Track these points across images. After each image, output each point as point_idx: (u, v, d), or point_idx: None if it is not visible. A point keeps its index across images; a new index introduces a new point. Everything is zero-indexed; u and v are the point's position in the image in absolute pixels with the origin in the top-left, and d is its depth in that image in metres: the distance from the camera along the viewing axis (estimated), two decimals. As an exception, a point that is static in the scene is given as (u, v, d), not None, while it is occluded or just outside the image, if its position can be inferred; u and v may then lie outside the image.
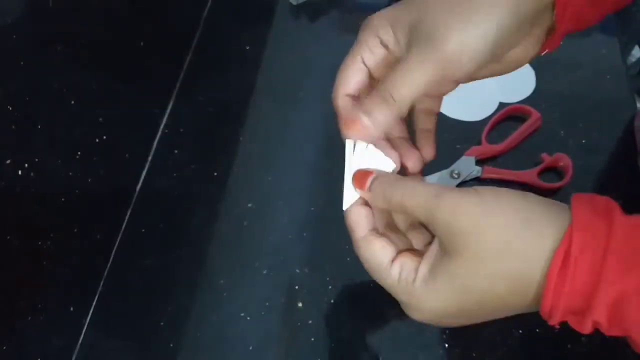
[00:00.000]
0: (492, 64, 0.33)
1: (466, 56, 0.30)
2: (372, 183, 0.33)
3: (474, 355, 0.49)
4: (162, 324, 0.52)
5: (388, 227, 0.35)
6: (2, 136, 0.40)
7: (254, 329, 0.51)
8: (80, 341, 0.52)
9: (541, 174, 0.59)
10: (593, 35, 0.72)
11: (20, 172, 0.42)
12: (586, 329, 0.27)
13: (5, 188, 0.41)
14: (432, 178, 0.58)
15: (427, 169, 0.58)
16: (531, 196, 0.29)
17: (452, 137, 0.62)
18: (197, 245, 0.57)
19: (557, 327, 0.28)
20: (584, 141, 0.60)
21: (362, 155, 0.35)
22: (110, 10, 0.53)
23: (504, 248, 0.27)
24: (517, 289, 0.28)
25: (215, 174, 0.61)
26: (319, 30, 0.74)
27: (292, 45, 0.72)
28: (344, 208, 0.35)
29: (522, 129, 0.61)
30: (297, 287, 0.53)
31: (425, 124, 0.39)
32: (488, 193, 0.29)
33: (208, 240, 0.57)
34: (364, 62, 0.35)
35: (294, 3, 0.75)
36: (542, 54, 0.36)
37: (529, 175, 0.58)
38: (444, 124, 0.63)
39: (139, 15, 0.59)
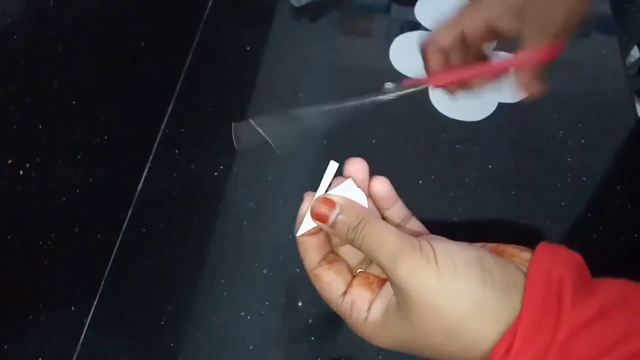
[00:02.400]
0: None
1: None
2: (335, 219, 0.31)
3: (473, 355, 0.49)
4: (162, 324, 0.52)
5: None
6: (3, 136, 0.40)
7: (254, 329, 0.51)
8: (81, 341, 0.52)
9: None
10: (593, 35, 0.72)
11: (21, 172, 0.42)
12: None
13: (6, 188, 0.41)
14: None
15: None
16: (490, 278, 0.28)
17: (452, 137, 0.62)
18: (197, 245, 0.57)
19: None
20: (583, 141, 0.60)
21: (338, 187, 0.32)
22: (110, 10, 0.53)
23: (451, 332, 0.28)
24: None
25: (215, 174, 0.61)
26: (319, 30, 0.74)
27: (292, 45, 0.72)
28: (297, 235, 0.33)
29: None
30: (297, 287, 0.53)
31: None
32: (447, 267, 0.28)
33: (208, 240, 0.57)
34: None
35: (296, 5, 0.75)
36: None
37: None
38: (444, 124, 0.64)
39: (139, 15, 0.59)
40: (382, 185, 0.34)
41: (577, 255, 0.29)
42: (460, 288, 0.27)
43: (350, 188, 0.32)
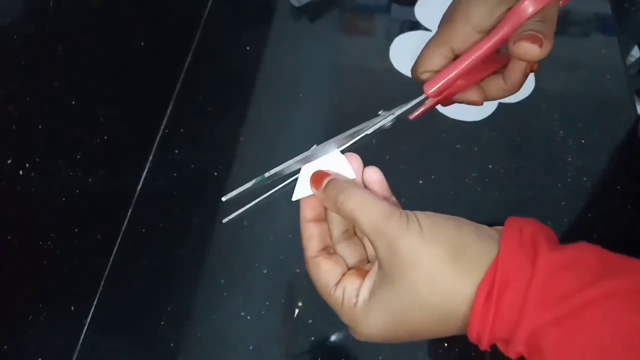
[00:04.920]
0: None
1: None
2: (327, 184, 0.33)
3: (473, 354, 0.49)
4: (162, 324, 0.52)
5: (346, 233, 0.35)
6: (3, 136, 0.40)
7: (254, 329, 0.51)
8: (80, 341, 0.52)
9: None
10: (593, 35, 0.72)
11: (21, 172, 0.42)
12: (512, 355, 0.28)
13: (6, 188, 0.41)
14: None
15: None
16: (466, 227, 0.30)
17: (452, 137, 0.62)
18: (197, 245, 0.57)
19: (488, 350, 0.30)
20: (583, 141, 0.60)
21: (327, 157, 0.35)
22: (110, 10, 0.53)
23: (435, 281, 0.29)
24: (445, 320, 0.29)
25: (215, 174, 0.61)
26: (319, 30, 0.74)
27: (292, 45, 0.72)
28: (293, 199, 0.35)
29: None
30: (297, 287, 0.53)
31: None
32: (429, 223, 0.30)
33: (208, 240, 0.57)
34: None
35: (296, 5, 0.75)
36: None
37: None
38: (444, 124, 0.64)
39: (139, 15, 0.59)
40: (374, 173, 0.35)
41: (546, 226, 0.30)
42: (438, 238, 0.29)
43: (338, 158, 0.35)
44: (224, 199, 0.34)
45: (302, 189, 0.35)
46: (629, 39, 1.05)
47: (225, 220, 0.36)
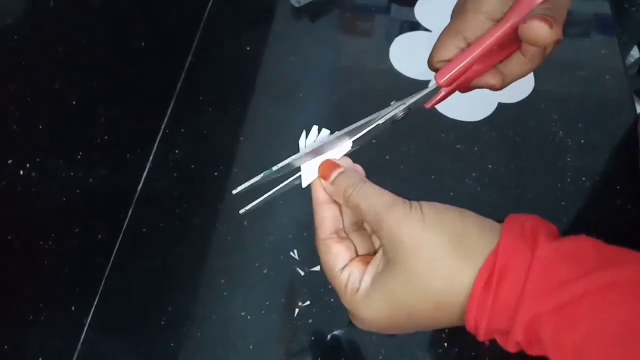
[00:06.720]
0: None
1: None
2: (336, 176, 0.34)
3: (472, 354, 0.49)
4: (162, 323, 0.52)
5: (355, 225, 0.36)
6: (3, 136, 0.40)
7: (254, 329, 0.52)
8: (81, 341, 0.52)
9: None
10: (593, 35, 0.72)
11: (21, 172, 0.42)
12: (511, 348, 0.29)
13: (6, 188, 0.41)
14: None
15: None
16: (469, 216, 0.31)
17: (452, 137, 0.62)
18: (197, 245, 0.57)
19: (488, 343, 0.30)
20: (583, 141, 0.60)
21: (333, 152, 0.35)
22: (111, 10, 0.53)
23: (435, 266, 0.29)
24: (444, 305, 0.29)
25: (215, 174, 0.61)
26: (319, 30, 0.74)
27: (292, 45, 0.72)
28: (303, 185, 0.35)
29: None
30: (297, 287, 0.53)
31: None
32: (432, 211, 0.30)
33: (208, 240, 0.57)
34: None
35: (296, 5, 0.75)
36: None
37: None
38: (444, 124, 0.64)
39: (139, 16, 0.59)
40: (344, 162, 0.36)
41: (548, 222, 0.30)
42: (441, 225, 0.30)
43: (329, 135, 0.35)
44: (234, 192, 0.35)
45: (310, 174, 0.35)
46: (628, 39, 1.05)
47: (242, 211, 0.36)
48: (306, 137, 0.36)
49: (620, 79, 0.67)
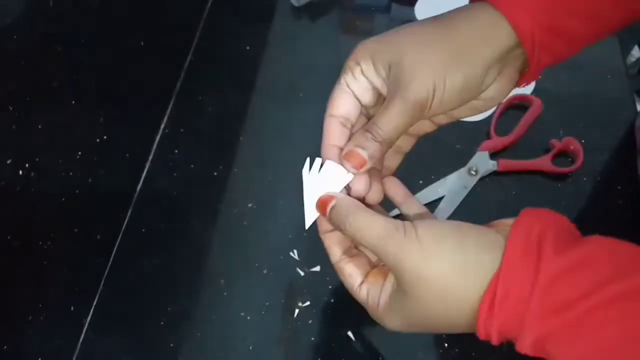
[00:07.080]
0: (468, 105, 0.35)
1: (435, 102, 0.33)
2: (330, 211, 0.34)
3: (473, 355, 0.49)
4: (162, 324, 0.52)
5: None
6: (3, 136, 0.40)
7: (254, 329, 0.51)
8: (80, 341, 0.52)
9: (554, 159, 0.59)
10: (593, 35, 0.72)
11: (20, 172, 0.42)
12: (523, 352, 0.29)
13: (5, 188, 0.41)
14: (452, 177, 0.58)
15: (445, 170, 0.58)
16: (467, 240, 0.30)
17: (452, 138, 0.62)
18: (197, 245, 0.57)
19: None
20: (583, 141, 0.60)
21: (323, 171, 0.36)
22: (110, 10, 0.53)
23: (442, 295, 0.30)
24: (455, 327, 0.31)
25: (215, 174, 0.61)
26: (319, 30, 0.74)
27: (292, 45, 0.72)
28: (307, 226, 0.37)
29: (527, 117, 0.62)
30: (297, 287, 0.53)
31: (389, 162, 0.40)
32: (428, 234, 0.31)
33: (208, 240, 0.57)
34: (349, 87, 0.36)
35: (296, 5, 0.75)
36: (521, 86, 0.37)
37: (543, 162, 0.59)
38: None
39: (139, 15, 0.59)
40: (395, 187, 0.40)
41: (561, 216, 0.31)
42: (439, 253, 0.30)
43: (333, 167, 0.35)
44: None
45: (311, 213, 0.36)
46: (629, 39, 1.05)
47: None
48: (310, 166, 0.36)
49: (621, 78, 0.67)
